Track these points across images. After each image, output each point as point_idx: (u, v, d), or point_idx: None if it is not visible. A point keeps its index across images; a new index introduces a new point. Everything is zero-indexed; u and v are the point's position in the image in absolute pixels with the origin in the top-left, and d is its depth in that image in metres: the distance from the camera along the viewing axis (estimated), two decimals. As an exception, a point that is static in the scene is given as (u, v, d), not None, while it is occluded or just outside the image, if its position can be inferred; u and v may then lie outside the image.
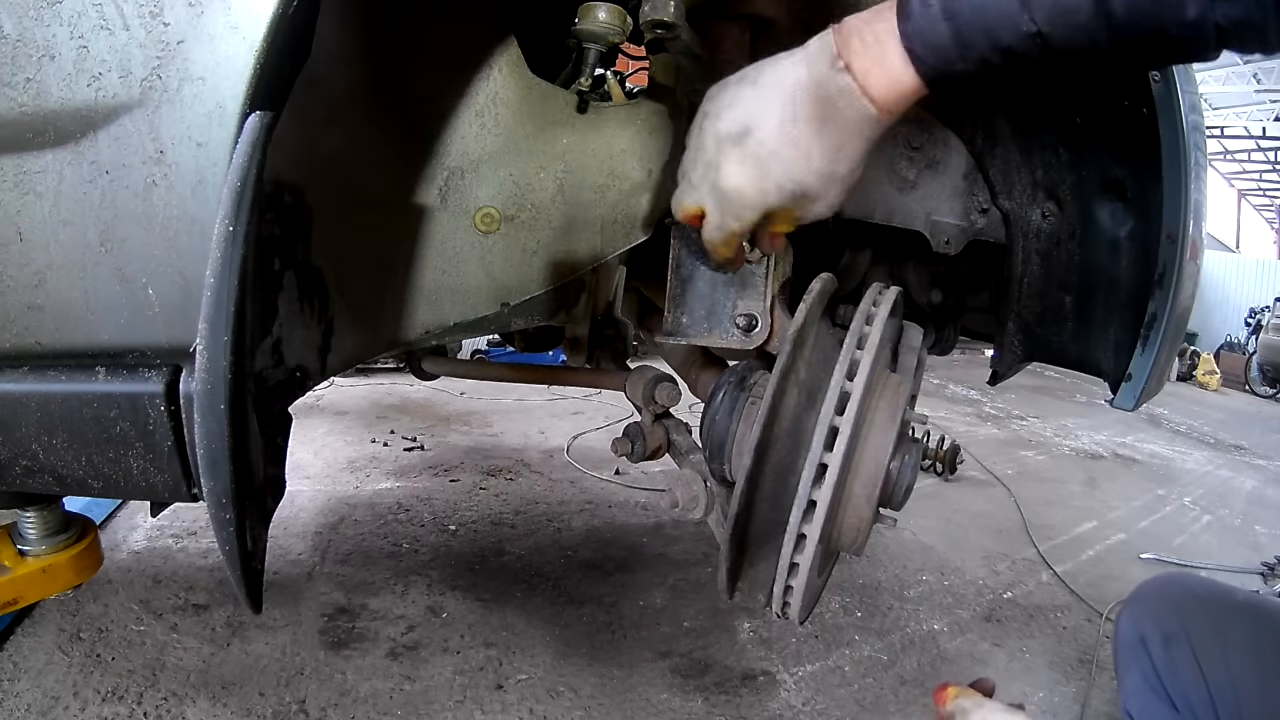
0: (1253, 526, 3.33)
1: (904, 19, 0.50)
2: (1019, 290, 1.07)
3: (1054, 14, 0.45)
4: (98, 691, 1.49)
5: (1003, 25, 0.47)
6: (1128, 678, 0.90)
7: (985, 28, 0.47)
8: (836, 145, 0.56)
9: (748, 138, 0.57)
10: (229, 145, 0.56)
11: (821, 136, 0.56)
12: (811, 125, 0.56)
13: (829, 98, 0.55)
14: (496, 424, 3.83)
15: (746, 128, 0.57)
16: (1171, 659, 0.85)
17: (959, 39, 0.48)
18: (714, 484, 0.97)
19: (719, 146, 0.59)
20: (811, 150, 0.56)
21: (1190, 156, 0.83)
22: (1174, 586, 0.95)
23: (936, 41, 0.49)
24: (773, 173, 0.57)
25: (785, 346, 0.67)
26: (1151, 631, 0.88)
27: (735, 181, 0.59)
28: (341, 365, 0.89)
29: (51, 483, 0.69)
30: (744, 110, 0.58)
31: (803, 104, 0.55)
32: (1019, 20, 0.46)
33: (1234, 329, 10.69)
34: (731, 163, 0.59)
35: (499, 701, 1.59)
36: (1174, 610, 0.89)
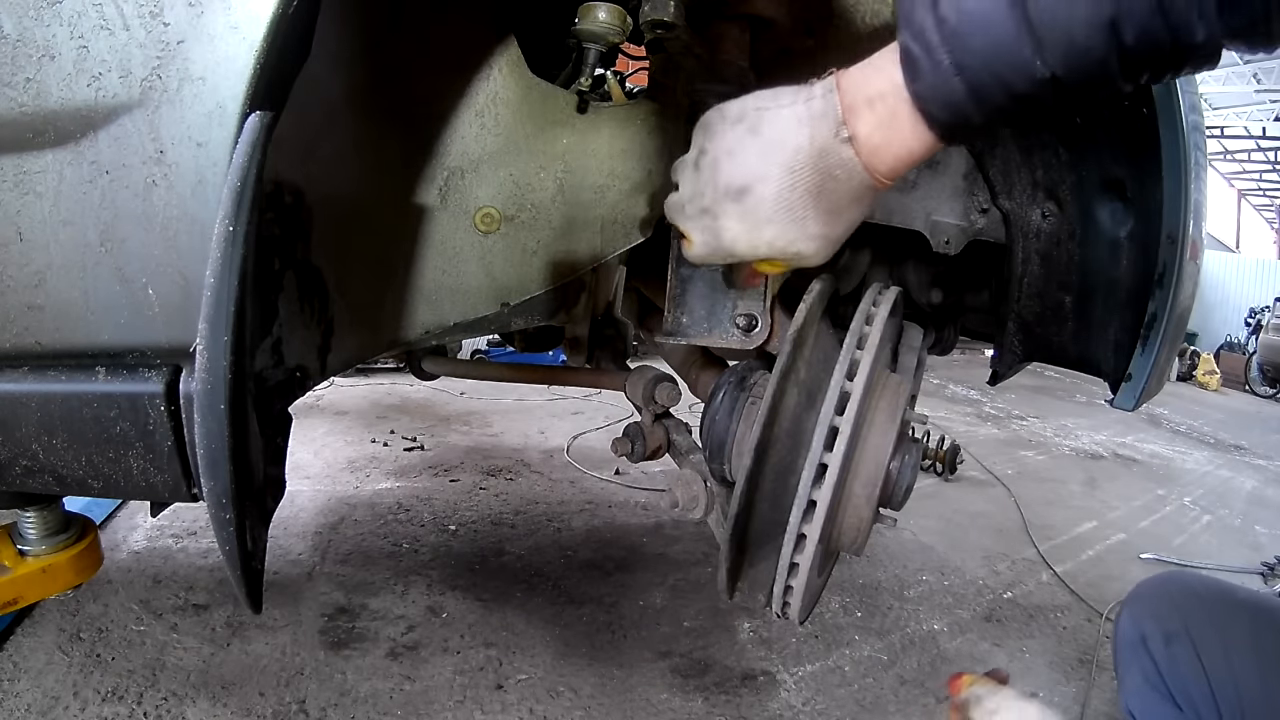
0: (1253, 526, 3.33)
1: (913, 78, 0.48)
2: (1019, 290, 1.07)
3: (1069, 55, 0.44)
4: (98, 691, 1.49)
5: (1015, 72, 0.45)
6: (1129, 677, 0.90)
7: (998, 77, 0.45)
8: (834, 212, 0.57)
9: (746, 196, 0.58)
10: (229, 145, 0.56)
11: (819, 206, 0.56)
12: (810, 196, 0.56)
13: (829, 169, 0.54)
14: (496, 424, 3.83)
15: (747, 186, 0.57)
16: (1173, 657, 0.85)
17: (973, 93, 0.46)
18: (714, 484, 0.97)
19: (716, 198, 0.59)
20: (807, 218, 0.57)
21: (1190, 156, 0.83)
22: (1174, 585, 0.94)
23: (949, 98, 0.47)
24: (764, 235, 0.58)
25: (785, 346, 0.67)
26: (1152, 630, 0.88)
27: (729, 235, 0.60)
28: (341, 365, 0.89)
29: (51, 483, 0.69)
30: (744, 166, 0.58)
31: (802, 173, 0.55)
32: (1032, 66, 0.44)
33: (1234, 329, 10.69)
34: (729, 217, 0.59)
35: (499, 701, 1.59)
36: (1175, 608, 0.89)
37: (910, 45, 0.48)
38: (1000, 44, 0.44)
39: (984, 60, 0.45)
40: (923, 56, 0.47)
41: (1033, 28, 0.43)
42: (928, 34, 0.46)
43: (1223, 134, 14.30)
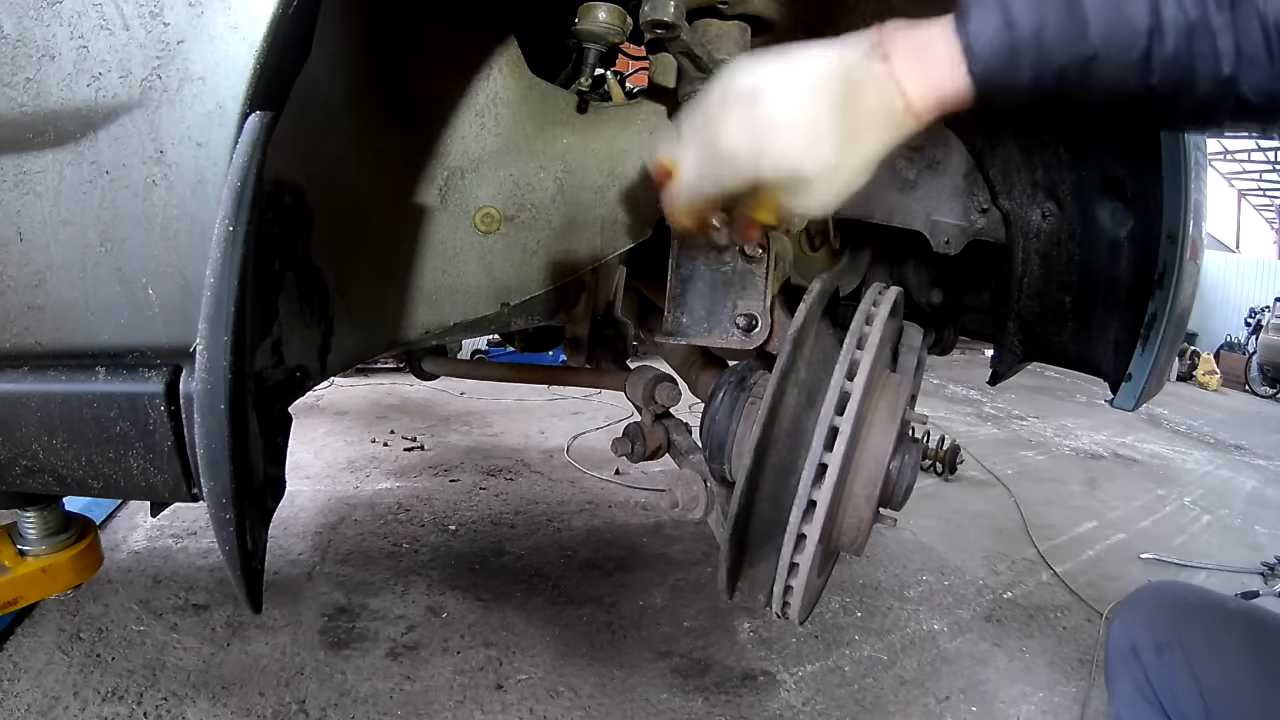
0: (1253, 526, 3.33)
1: (964, 20, 0.50)
2: (1019, 290, 1.07)
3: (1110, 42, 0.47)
4: (98, 691, 1.49)
5: (1060, 45, 0.48)
6: (1119, 685, 0.90)
7: (1042, 44, 0.48)
8: (851, 135, 0.53)
9: (759, 99, 0.54)
10: (229, 145, 0.56)
11: (837, 121, 0.52)
12: (832, 106, 0.52)
13: (857, 82, 0.52)
14: (496, 424, 3.83)
15: (760, 90, 0.54)
16: (1164, 666, 0.84)
17: (1014, 49, 0.48)
18: (714, 484, 0.97)
19: (724, 102, 0.55)
20: (823, 133, 0.52)
21: (1190, 156, 0.83)
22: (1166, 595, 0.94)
23: (996, 45, 0.49)
24: (774, 143, 0.53)
25: (785, 346, 0.67)
26: (1144, 640, 0.88)
27: (732, 139, 0.55)
28: (341, 365, 0.89)
29: (51, 483, 0.69)
30: (763, 75, 0.54)
31: (829, 82, 0.52)
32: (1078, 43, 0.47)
33: (1234, 329, 10.68)
34: (734, 119, 0.55)
35: (499, 701, 1.59)
36: (1166, 618, 0.89)
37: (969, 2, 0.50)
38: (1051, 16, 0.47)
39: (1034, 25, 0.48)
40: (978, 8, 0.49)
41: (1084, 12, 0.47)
42: None
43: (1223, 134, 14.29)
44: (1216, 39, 0.45)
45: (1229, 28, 0.45)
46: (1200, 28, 0.45)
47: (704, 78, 0.81)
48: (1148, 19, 0.46)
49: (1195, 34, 0.45)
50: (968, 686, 1.81)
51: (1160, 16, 0.46)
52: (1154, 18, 0.46)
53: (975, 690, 1.80)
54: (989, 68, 0.49)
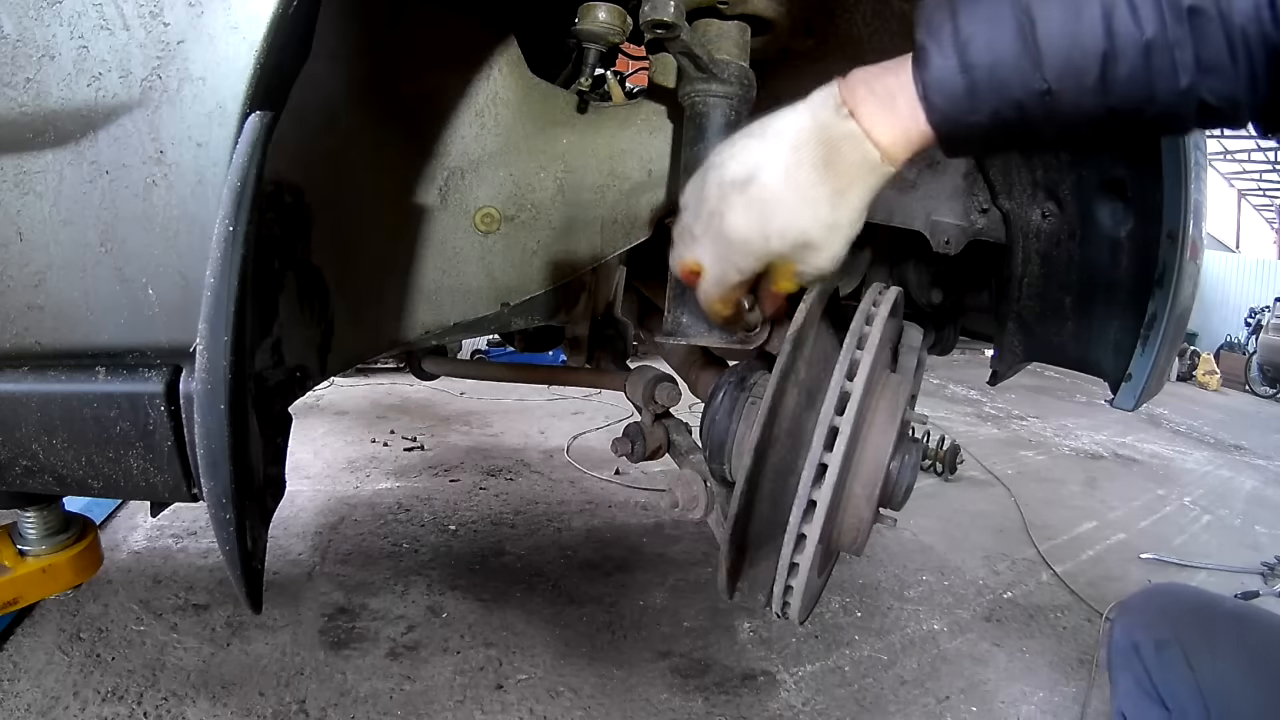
0: (1253, 526, 3.33)
1: (922, 68, 0.52)
2: (1019, 290, 1.07)
3: (1064, 74, 0.48)
4: (98, 691, 1.49)
5: (1016, 80, 0.49)
6: (1120, 681, 0.93)
7: (999, 82, 0.49)
8: (840, 190, 0.56)
9: (752, 183, 0.57)
10: (229, 145, 0.56)
11: (826, 182, 0.56)
12: (816, 170, 0.56)
13: (833, 142, 0.55)
14: (496, 424, 3.83)
15: (751, 174, 0.57)
16: (1163, 663, 0.87)
17: (972, 91, 0.50)
18: (714, 484, 0.97)
19: (723, 194, 0.59)
20: (816, 196, 0.56)
21: (1190, 156, 0.83)
22: (1164, 597, 0.98)
23: (951, 90, 0.51)
24: (777, 218, 0.57)
25: (785, 346, 0.67)
26: (1144, 639, 0.91)
27: (739, 228, 0.58)
28: (341, 365, 0.89)
29: (51, 483, 0.69)
30: (749, 158, 0.58)
31: (807, 149, 0.56)
32: (1031, 78, 0.48)
33: (1234, 329, 10.68)
34: (736, 209, 0.58)
35: (499, 701, 1.59)
36: (1165, 618, 0.92)
37: (927, 44, 0.51)
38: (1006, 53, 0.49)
39: (989, 64, 0.49)
40: (935, 53, 0.51)
41: (1037, 44, 0.48)
42: (944, 37, 0.51)
43: (1223, 134, 14.29)
44: (1174, 52, 0.46)
45: (1188, 39, 0.45)
46: (1157, 44, 0.46)
47: (704, 78, 0.81)
48: (1102, 42, 0.46)
49: (1152, 51, 0.46)
50: (968, 686, 1.81)
51: (1114, 39, 0.46)
52: (1108, 40, 0.46)
53: (975, 690, 1.80)
54: (946, 115, 0.52)
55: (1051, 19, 0.48)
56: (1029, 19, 0.48)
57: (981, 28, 0.50)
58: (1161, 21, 0.45)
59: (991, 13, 0.50)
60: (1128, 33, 0.46)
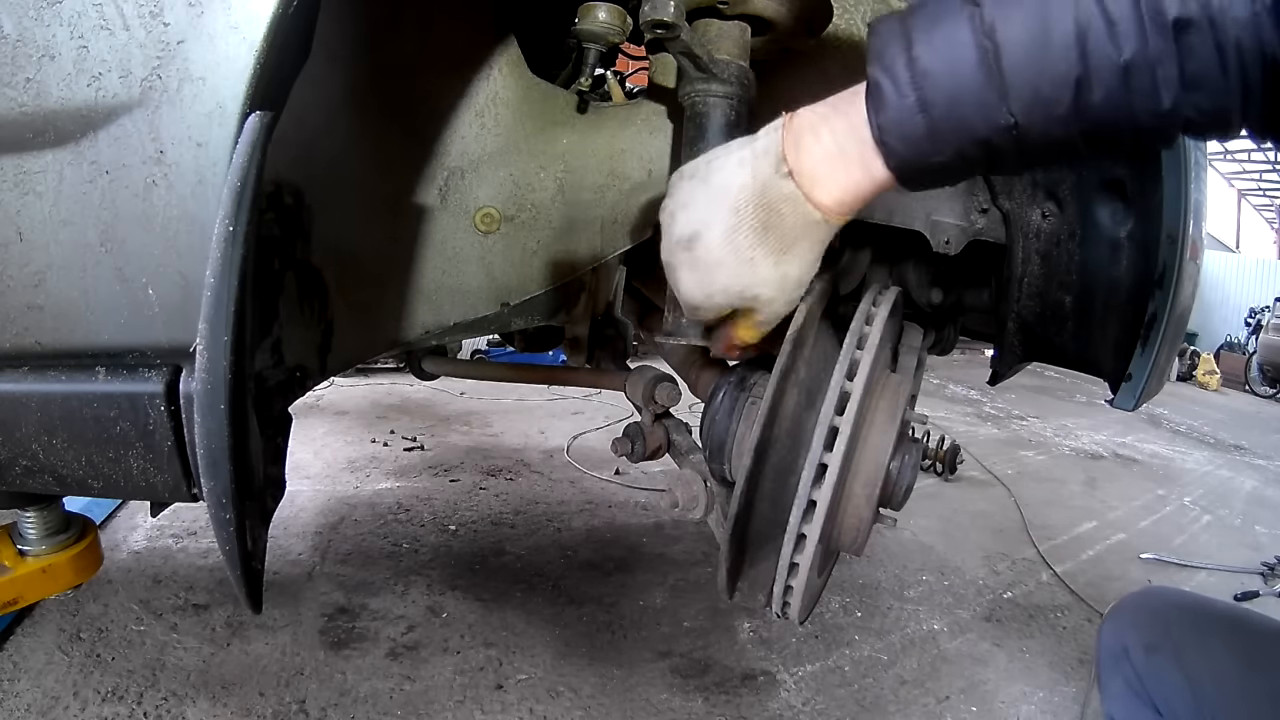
0: (1253, 526, 3.33)
1: (878, 109, 0.48)
2: (1019, 290, 1.07)
3: (1032, 106, 0.44)
4: (98, 691, 1.49)
5: (979, 117, 0.45)
6: (1111, 684, 0.92)
7: (961, 120, 0.45)
8: (782, 250, 0.56)
9: (696, 244, 0.57)
10: (229, 145, 0.56)
11: (765, 244, 0.55)
12: (755, 234, 0.55)
13: (772, 205, 0.54)
14: (496, 424, 3.83)
15: (695, 233, 0.57)
16: (1154, 665, 0.87)
17: (933, 132, 0.46)
18: (714, 484, 0.97)
19: (671, 251, 0.60)
20: (755, 258, 0.56)
21: (1190, 156, 0.83)
22: (1155, 599, 0.97)
23: (911, 133, 0.47)
24: (718, 280, 0.57)
25: (785, 346, 0.67)
26: (1134, 641, 0.90)
27: (685, 287, 0.60)
28: (341, 365, 0.89)
29: (51, 483, 0.69)
30: (694, 215, 0.58)
31: (746, 212, 0.55)
32: (996, 113, 0.45)
33: (1234, 329, 10.68)
34: (682, 267, 0.59)
35: (499, 701, 1.59)
36: (1155, 620, 0.91)
37: (880, 79, 0.47)
38: (967, 87, 0.45)
39: (949, 100, 0.45)
40: (891, 91, 0.47)
41: (1003, 75, 0.44)
42: (898, 70, 0.46)
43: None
44: (1156, 70, 0.42)
45: (1172, 55, 0.41)
46: (1137, 63, 0.42)
47: (704, 78, 0.81)
48: (1075, 67, 0.42)
49: (1131, 72, 0.42)
50: (968, 686, 1.81)
51: (1088, 61, 0.42)
52: (1081, 64, 0.42)
53: (975, 690, 1.80)
54: (904, 159, 0.49)
55: (1017, 44, 0.43)
56: (992, 44, 0.44)
57: (939, 58, 0.45)
58: (1143, 38, 0.41)
59: (950, 40, 0.45)
60: (1104, 54, 0.42)
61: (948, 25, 0.45)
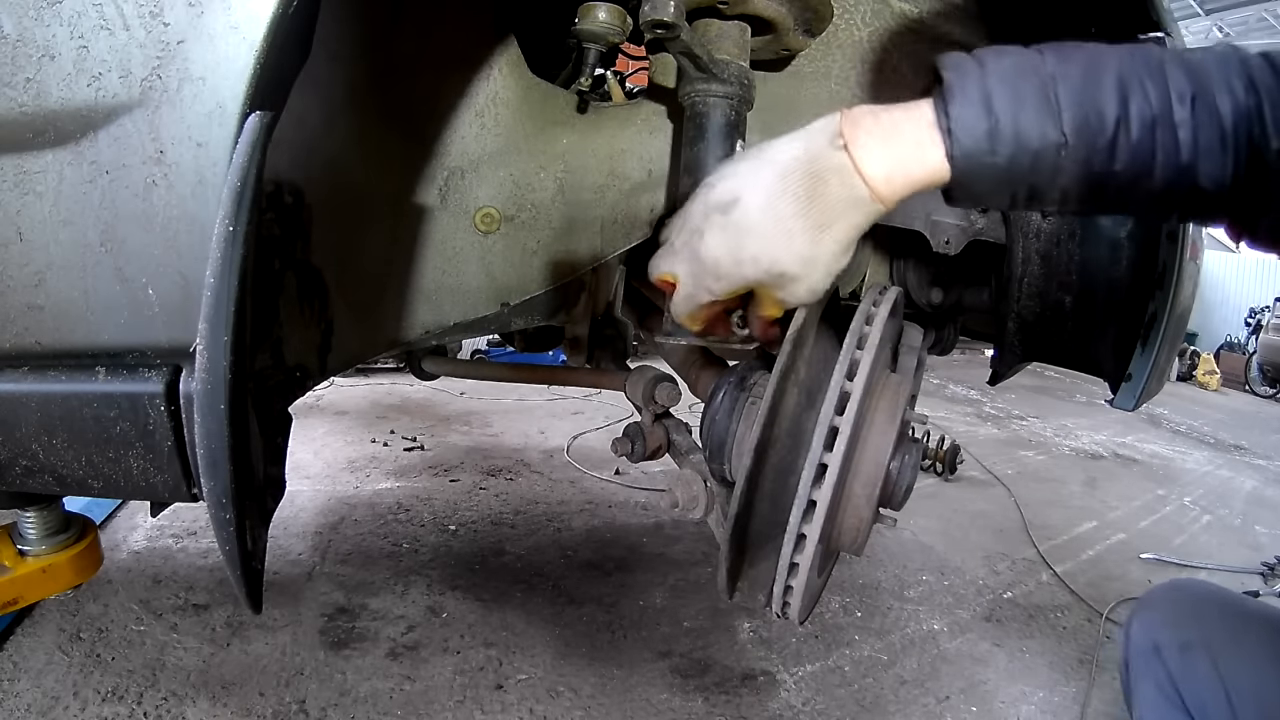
0: (1253, 526, 3.33)
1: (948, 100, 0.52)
2: (1019, 290, 1.07)
3: (1081, 129, 0.49)
4: (98, 691, 1.49)
5: (1035, 129, 0.50)
6: (1142, 686, 0.87)
7: (1019, 128, 0.50)
8: (821, 225, 0.55)
9: (734, 208, 0.56)
10: (229, 145, 0.56)
11: (807, 215, 0.54)
12: (798, 202, 0.54)
13: (820, 174, 0.54)
14: (496, 424, 3.83)
15: (735, 197, 0.56)
16: (1189, 666, 0.82)
17: (994, 134, 0.51)
18: (714, 484, 0.97)
19: (706, 214, 0.59)
20: (794, 228, 0.55)
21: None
22: (1186, 593, 0.92)
23: (974, 126, 0.51)
24: (750, 246, 0.56)
25: (785, 346, 0.67)
26: (1167, 639, 0.85)
27: (713, 250, 0.58)
28: (341, 365, 0.89)
29: (51, 483, 0.69)
30: (737, 181, 0.57)
31: (793, 178, 0.54)
32: (1050, 130, 0.50)
33: (1234, 329, 10.67)
34: (714, 230, 0.58)
35: (499, 701, 1.59)
36: (1190, 617, 0.87)
37: (953, 80, 0.52)
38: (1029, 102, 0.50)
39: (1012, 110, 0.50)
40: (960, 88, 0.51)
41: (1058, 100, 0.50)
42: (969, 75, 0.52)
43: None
44: (1178, 131, 0.49)
45: (1189, 122, 0.48)
46: (1162, 120, 0.49)
47: (704, 78, 0.81)
48: (1116, 109, 0.49)
49: (1158, 126, 0.49)
50: (968, 686, 1.81)
51: (1128, 108, 0.49)
52: (1122, 108, 0.49)
53: (975, 690, 1.80)
54: (968, 151, 0.51)
55: (1073, 81, 0.50)
56: (1051, 79, 0.50)
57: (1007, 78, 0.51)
58: (1167, 102, 0.49)
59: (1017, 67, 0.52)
60: (1139, 106, 0.49)
61: (1016, 58, 0.52)
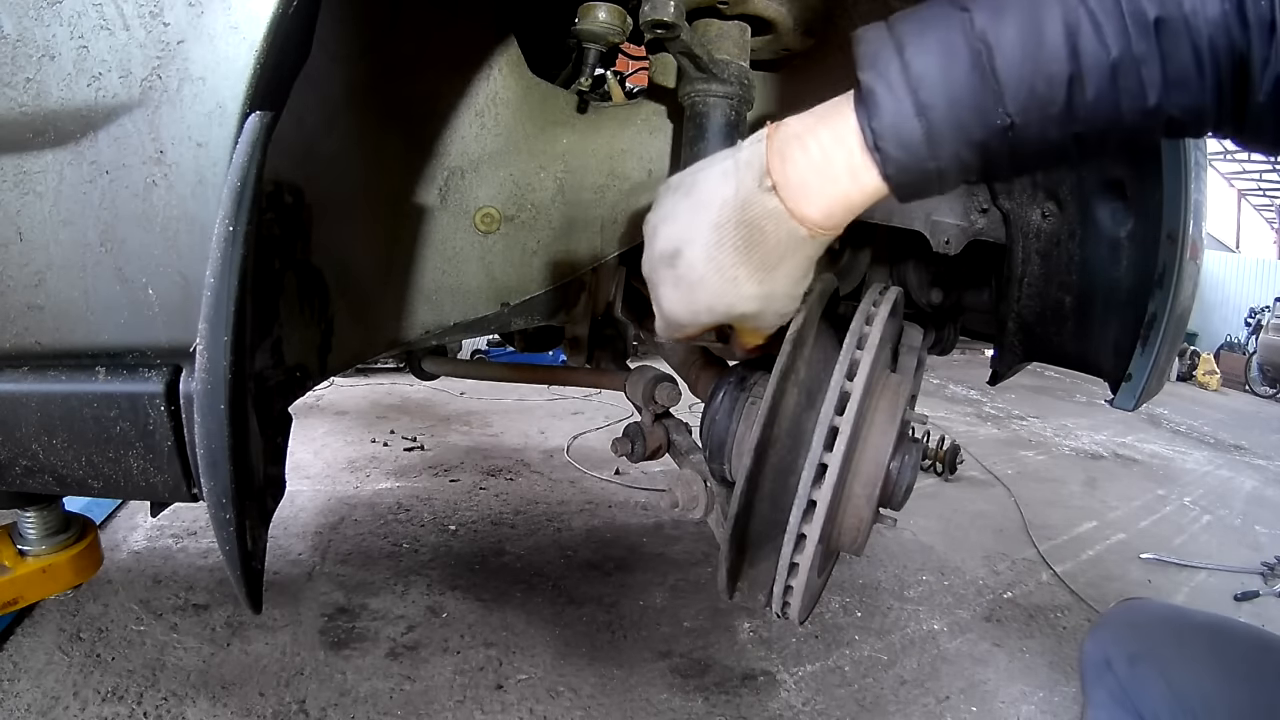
0: (1253, 526, 3.33)
1: (872, 114, 0.46)
2: (1019, 290, 1.07)
3: (1028, 105, 0.44)
4: (98, 691, 1.49)
5: (976, 119, 0.45)
6: (1094, 695, 0.91)
7: (958, 122, 0.45)
8: (767, 268, 0.53)
9: (678, 260, 0.55)
10: (229, 145, 0.56)
11: (749, 262, 0.53)
12: (738, 252, 0.52)
13: (754, 221, 0.51)
14: (496, 424, 3.83)
15: (677, 249, 0.55)
16: (1137, 676, 0.86)
17: (931, 136, 0.45)
18: (714, 484, 0.97)
19: (654, 266, 0.58)
20: (739, 275, 0.53)
21: (1190, 156, 0.83)
22: (1136, 613, 0.96)
23: (908, 138, 0.45)
24: (700, 298, 0.55)
25: (785, 346, 0.67)
26: (1116, 654, 0.89)
27: (668, 303, 0.58)
28: (341, 365, 0.89)
29: (51, 483, 0.69)
30: (676, 229, 0.56)
31: (727, 228, 0.52)
32: (993, 114, 0.44)
33: (1234, 329, 10.68)
34: (666, 284, 0.58)
35: (499, 701, 1.59)
36: (1137, 631, 0.91)
37: (873, 84, 0.46)
38: (963, 88, 0.44)
39: (946, 102, 0.45)
40: (885, 95, 0.46)
41: (997, 75, 0.44)
42: (892, 75, 0.45)
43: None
44: (1141, 69, 0.43)
45: (1154, 55, 0.42)
46: (1124, 63, 0.43)
47: (704, 78, 0.81)
48: (1067, 65, 0.43)
49: (1119, 70, 0.43)
50: (968, 686, 1.81)
51: (1080, 60, 0.43)
52: (1073, 62, 0.43)
53: (975, 690, 1.80)
54: (902, 164, 0.47)
55: (1010, 45, 0.43)
56: (985, 46, 0.44)
57: (933, 61, 0.44)
58: (1126, 37, 0.42)
59: (942, 43, 0.45)
60: (1094, 53, 0.43)
61: (938, 29, 0.45)
